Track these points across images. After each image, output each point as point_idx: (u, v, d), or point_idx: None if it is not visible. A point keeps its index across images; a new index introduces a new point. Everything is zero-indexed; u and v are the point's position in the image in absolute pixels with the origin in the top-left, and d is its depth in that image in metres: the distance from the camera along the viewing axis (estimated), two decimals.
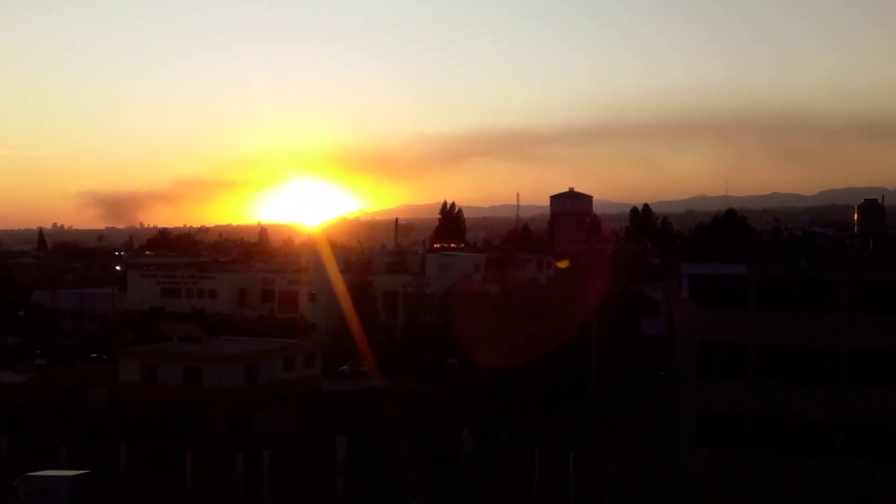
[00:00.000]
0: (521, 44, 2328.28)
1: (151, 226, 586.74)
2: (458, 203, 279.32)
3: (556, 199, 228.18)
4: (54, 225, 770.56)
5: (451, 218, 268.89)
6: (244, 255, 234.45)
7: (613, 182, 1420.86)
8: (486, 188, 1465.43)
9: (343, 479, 72.64)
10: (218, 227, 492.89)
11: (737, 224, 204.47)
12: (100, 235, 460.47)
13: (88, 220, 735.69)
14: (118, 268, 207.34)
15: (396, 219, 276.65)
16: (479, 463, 75.43)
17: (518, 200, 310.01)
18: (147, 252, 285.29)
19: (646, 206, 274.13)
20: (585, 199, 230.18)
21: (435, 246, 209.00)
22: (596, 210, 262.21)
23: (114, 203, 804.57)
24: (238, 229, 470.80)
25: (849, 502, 59.68)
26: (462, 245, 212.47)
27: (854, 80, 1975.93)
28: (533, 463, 71.78)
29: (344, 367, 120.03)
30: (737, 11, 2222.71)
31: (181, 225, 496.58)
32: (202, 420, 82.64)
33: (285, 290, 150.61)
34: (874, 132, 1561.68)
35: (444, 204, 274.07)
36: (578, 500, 67.73)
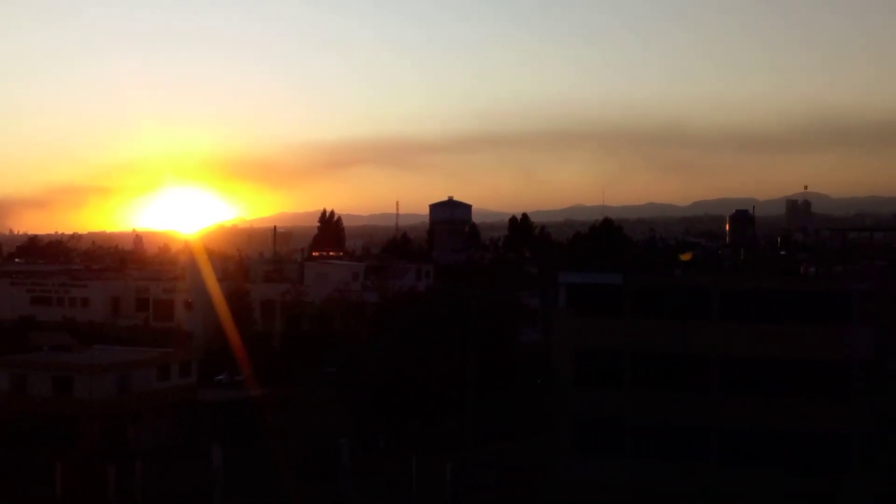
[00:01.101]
0: (402, 52, 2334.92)
1: (21, 232, 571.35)
2: (338, 211, 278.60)
3: (436, 207, 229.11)
4: None
5: (330, 226, 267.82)
6: (118, 262, 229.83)
7: (493, 191, 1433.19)
8: (365, 196, 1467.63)
9: (219, 490, 71.72)
10: (91, 235, 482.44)
11: (613, 234, 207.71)
12: None
13: None
14: None
15: (275, 226, 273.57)
16: (357, 472, 75.18)
17: (398, 209, 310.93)
18: (16, 259, 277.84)
19: (524, 215, 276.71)
20: (465, 208, 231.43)
21: (314, 254, 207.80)
22: (475, 219, 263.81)
23: None
24: (112, 236, 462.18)
25: None
26: (341, 253, 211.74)
27: (729, 95, 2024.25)
28: (412, 472, 71.84)
29: (221, 377, 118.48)
30: (619, 23, 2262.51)
31: (53, 232, 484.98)
32: (74, 431, 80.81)
33: (161, 299, 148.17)
34: (747, 145, 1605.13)
35: (324, 212, 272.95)
36: None
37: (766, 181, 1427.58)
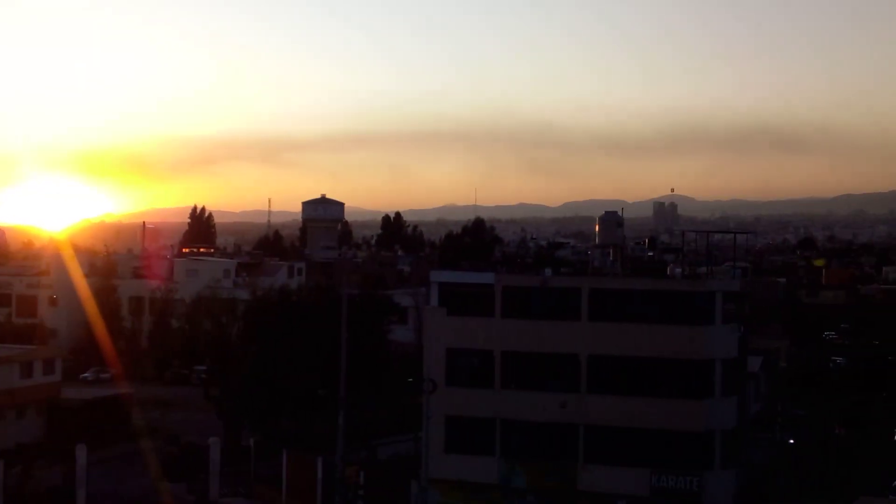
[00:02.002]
0: (275, 48, 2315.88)
1: None
2: (209, 207, 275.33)
3: (308, 205, 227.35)
4: None
5: (200, 222, 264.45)
6: None
7: (366, 190, 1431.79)
8: (237, 193, 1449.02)
9: (83, 490, 70.38)
10: None
11: (485, 233, 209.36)
12: None
13: None
14: None
15: (144, 222, 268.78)
16: (227, 469, 74.55)
17: (270, 206, 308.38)
18: None
19: (397, 213, 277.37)
20: (337, 206, 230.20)
21: (184, 250, 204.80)
22: (348, 217, 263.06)
23: None
24: None
25: (590, 503, 61.97)
26: (212, 250, 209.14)
27: (599, 98, 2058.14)
28: (281, 469, 71.49)
29: (86, 374, 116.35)
30: (490, 24, 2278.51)
31: None
32: None
33: (23, 294, 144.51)
34: (616, 148, 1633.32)
35: (194, 208, 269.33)
36: None
37: (634, 183, 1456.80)
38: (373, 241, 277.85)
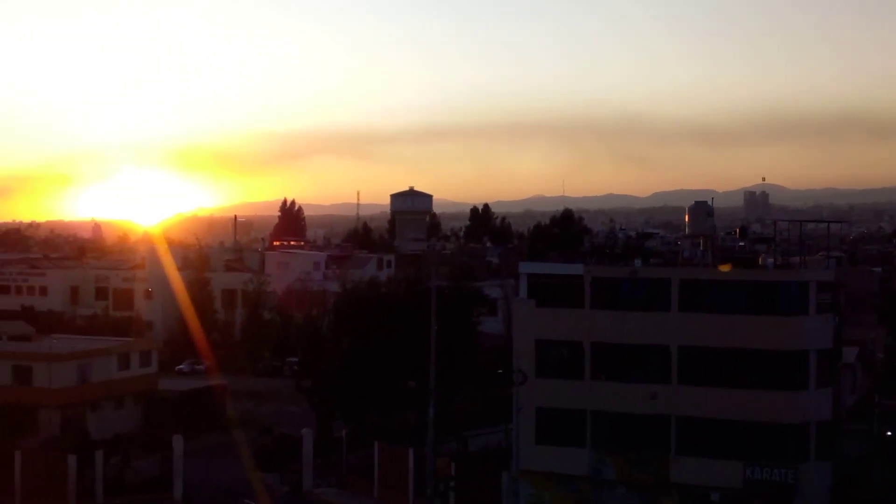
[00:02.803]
0: (362, 42, 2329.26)
1: None
2: (299, 201, 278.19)
3: (397, 197, 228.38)
4: None
5: (290, 215, 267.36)
6: (77, 251, 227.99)
7: (454, 181, 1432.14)
8: (326, 186, 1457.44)
9: (180, 479, 71.68)
10: (49, 223, 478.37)
11: (574, 224, 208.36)
12: None
13: None
14: None
15: (235, 216, 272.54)
16: (319, 460, 75.34)
17: (358, 199, 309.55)
18: None
19: (485, 205, 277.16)
20: (425, 198, 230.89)
21: (275, 243, 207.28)
22: (436, 209, 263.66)
23: None
24: (70, 225, 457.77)
25: (681, 495, 61.58)
26: (302, 243, 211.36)
27: (689, 87, 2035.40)
28: (373, 460, 72.04)
29: (181, 366, 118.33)
30: (580, 13, 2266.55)
31: (9, 220, 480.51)
32: (33, 420, 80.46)
33: (120, 288, 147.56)
34: (706, 137, 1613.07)
35: (284, 201, 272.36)
36: (418, 496, 68.20)
37: (724, 173, 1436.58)
38: (461, 233, 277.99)
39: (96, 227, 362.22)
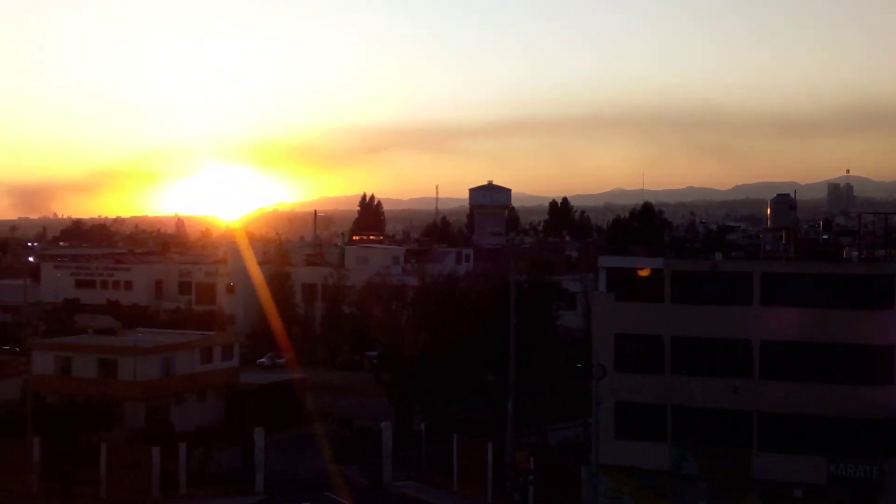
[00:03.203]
0: (440, 37, 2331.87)
1: (65, 216, 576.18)
2: (378, 195, 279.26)
3: (475, 191, 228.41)
4: None
5: (370, 210, 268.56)
6: (161, 246, 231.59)
7: (532, 176, 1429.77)
8: (405, 181, 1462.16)
9: (261, 471, 72.40)
10: (134, 219, 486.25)
11: (653, 218, 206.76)
12: (12, 226, 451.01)
13: (1, 211, 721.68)
14: (31, 259, 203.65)
15: (315, 210, 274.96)
16: (398, 453, 75.64)
17: (437, 193, 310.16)
18: (61, 243, 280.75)
19: (564, 199, 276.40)
20: (504, 192, 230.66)
21: (354, 238, 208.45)
22: (515, 203, 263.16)
23: (27, 193, 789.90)
24: (154, 220, 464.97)
25: (763, 491, 60.85)
26: (381, 237, 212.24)
27: (770, 78, 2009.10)
28: (451, 454, 72.15)
29: (262, 360, 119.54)
30: (659, 5, 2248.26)
31: (96, 216, 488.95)
32: (118, 413, 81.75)
33: (203, 282, 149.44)
34: (788, 129, 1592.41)
35: (364, 196, 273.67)
36: (497, 490, 68.19)
37: (807, 165, 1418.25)
38: (540, 227, 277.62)
39: (179, 222, 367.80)
